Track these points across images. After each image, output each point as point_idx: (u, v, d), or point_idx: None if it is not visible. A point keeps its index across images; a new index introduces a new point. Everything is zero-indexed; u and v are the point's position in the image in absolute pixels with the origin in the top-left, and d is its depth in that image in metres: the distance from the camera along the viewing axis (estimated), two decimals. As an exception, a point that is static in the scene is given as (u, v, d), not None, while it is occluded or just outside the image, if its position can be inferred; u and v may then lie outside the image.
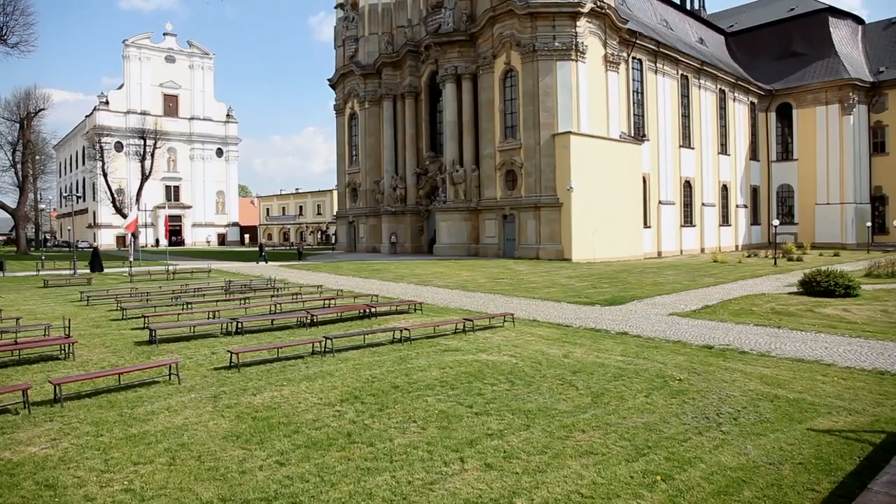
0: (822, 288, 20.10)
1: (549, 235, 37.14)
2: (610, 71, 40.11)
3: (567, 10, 37.32)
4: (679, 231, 48.06)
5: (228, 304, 19.27)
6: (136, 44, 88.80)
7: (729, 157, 55.23)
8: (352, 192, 54.12)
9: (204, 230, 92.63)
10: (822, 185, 57.08)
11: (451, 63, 42.63)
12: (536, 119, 37.57)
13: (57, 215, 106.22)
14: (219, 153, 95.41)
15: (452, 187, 42.28)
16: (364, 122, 51.94)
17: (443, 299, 20.57)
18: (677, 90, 48.83)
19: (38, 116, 65.47)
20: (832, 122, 56.57)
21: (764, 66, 62.27)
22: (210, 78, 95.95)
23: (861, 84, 56.56)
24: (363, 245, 52.56)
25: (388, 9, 50.47)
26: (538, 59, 37.44)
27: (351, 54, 52.77)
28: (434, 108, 47.63)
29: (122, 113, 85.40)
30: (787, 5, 66.41)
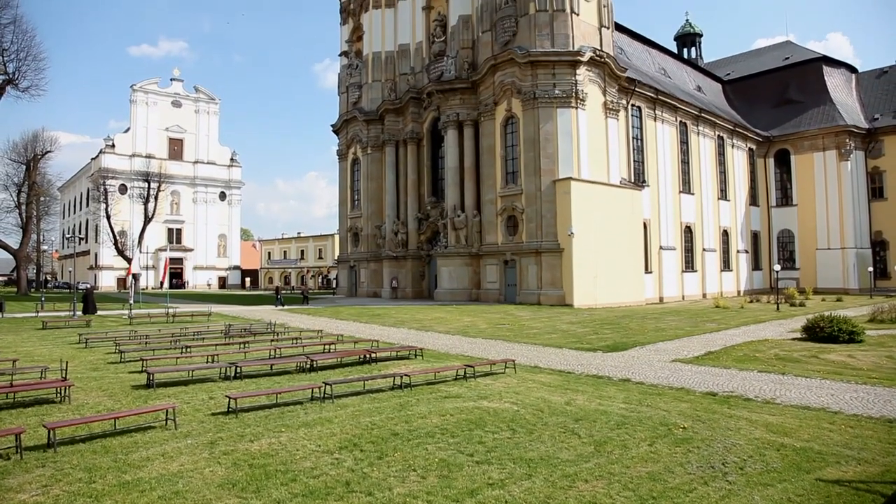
0: (826, 334, 19.94)
1: (550, 281, 37.08)
2: (610, 118, 40.70)
3: (567, 59, 38.07)
4: (680, 276, 48.00)
5: (228, 348, 19.13)
6: (144, 88, 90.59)
7: (729, 202, 55.57)
8: (353, 236, 54.32)
9: (205, 273, 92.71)
10: (822, 231, 57.31)
11: (453, 110, 43.33)
12: (537, 165, 37.94)
13: (59, 256, 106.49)
14: (222, 196, 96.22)
15: (454, 232, 42.44)
16: (366, 167, 52.50)
17: (444, 345, 20.42)
18: (676, 137, 49.46)
19: (45, 158, 66.29)
20: (830, 168, 57.16)
21: (761, 113, 63.27)
22: (215, 122, 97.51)
23: (857, 131, 57.38)
24: (364, 290, 52.47)
25: (392, 57, 51.60)
26: (539, 106, 38.04)
27: (354, 101, 53.69)
28: (436, 153, 48.20)
29: (127, 156, 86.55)
30: (782, 54, 67.91)
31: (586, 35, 39.49)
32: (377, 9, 52.38)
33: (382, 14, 52.18)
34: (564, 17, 38.59)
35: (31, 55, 48.39)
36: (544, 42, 38.40)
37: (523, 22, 39.16)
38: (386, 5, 52.16)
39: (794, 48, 68.87)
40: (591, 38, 39.87)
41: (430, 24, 48.91)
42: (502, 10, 40.30)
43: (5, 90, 48.55)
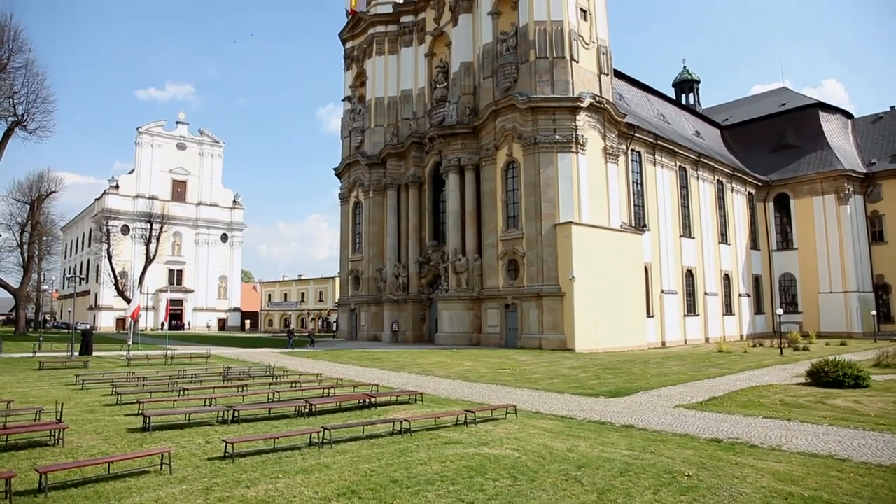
0: (831, 378, 19.74)
1: (551, 325, 36.87)
2: (610, 162, 41.10)
3: (567, 105, 38.68)
4: (682, 320, 47.76)
5: (226, 391, 18.90)
6: (150, 131, 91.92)
7: (729, 246, 55.67)
8: (354, 279, 54.30)
9: (205, 315, 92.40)
10: (823, 274, 57.29)
11: (455, 154, 43.84)
12: (538, 209, 38.15)
13: (59, 296, 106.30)
14: (223, 238, 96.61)
15: (455, 276, 42.43)
16: (368, 210, 52.84)
17: (444, 390, 20.18)
18: (676, 181, 49.88)
19: (49, 198, 66.79)
20: (829, 212, 57.49)
21: (759, 157, 63.98)
22: (219, 165, 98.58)
23: (855, 175, 57.92)
24: (364, 333, 52.18)
25: (394, 102, 52.50)
26: (539, 151, 38.48)
27: (357, 145, 54.39)
28: (437, 197, 48.57)
29: (130, 197, 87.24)
30: (778, 100, 69.08)
31: (586, 81, 40.22)
32: (380, 55, 53.55)
33: (385, 60, 53.32)
34: (564, 65, 39.37)
35: (40, 97, 49.26)
36: (545, 88, 39.08)
37: (524, 69, 39.94)
38: (389, 52, 53.36)
39: (790, 94, 70.09)
40: (591, 84, 40.59)
41: (432, 70, 49.95)
42: (503, 57, 41.16)
43: (14, 131, 49.22)
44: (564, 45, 39.43)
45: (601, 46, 42.13)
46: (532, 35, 39.67)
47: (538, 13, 39.80)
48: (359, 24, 55.68)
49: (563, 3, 39.70)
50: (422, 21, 51.57)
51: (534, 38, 39.61)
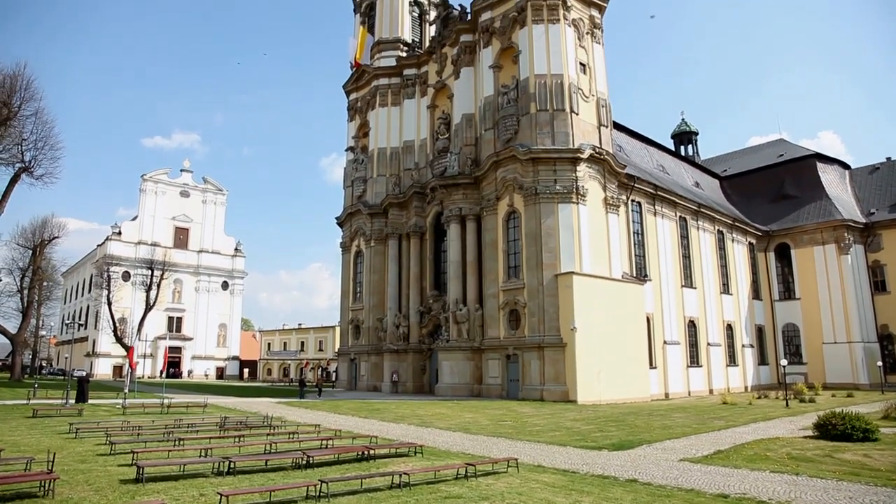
0: (839, 431, 19.37)
1: (553, 376, 36.44)
2: (610, 213, 41.33)
3: (567, 156, 39.14)
4: (686, 372, 47.22)
5: (222, 441, 18.57)
6: (154, 178, 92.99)
7: (731, 296, 55.50)
8: (354, 329, 53.99)
9: (203, 363, 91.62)
10: (827, 324, 56.98)
11: (456, 204, 44.17)
12: (539, 259, 38.17)
13: (56, 342, 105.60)
14: (224, 286, 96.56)
15: (455, 326, 42.19)
16: (369, 259, 52.93)
17: (444, 442, 19.81)
18: (676, 231, 50.08)
19: (52, 244, 67.02)
20: (831, 262, 57.56)
21: (759, 207, 64.42)
22: (221, 213, 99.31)
23: (854, 225, 58.23)
24: (364, 383, 51.57)
25: (396, 153, 53.24)
26: (540, 201, 38.75)
27: (359, 194, 54.86)
28: (438, 247, 48.71)
29: (133, 243, 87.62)
30: (776, 151, 70.01)
31: (586, 133, 40.82)
32: (383, 107, 54.57)
33: (388, 112, 54.31)
34: (564, 117, 40.03)
35: (48, 144, 49.81)
36: (545, 140, 39.64)
37: (524, 121, 40.61)
38: (392, 104, 54.39)
39: (787, 146, 71.07)
40: (591, 136, 41.19)
41: (434, 121, 50.81)
42: (504, 109, 41.91)
43: (20, 177, 49.64)
44: (564, 98, 40.18)
45: (600, 99, 42.92)
46: (533, 88, 40.48)
47: (538, 67, 40.70)
48: (363, 76, 56.94)
49: (562, 58, 40.64)
50: (424, 74, 52.75)
51: (534, 90, 40.41)
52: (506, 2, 43.43)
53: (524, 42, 41.60)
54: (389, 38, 55.99)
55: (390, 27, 56.33)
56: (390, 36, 56.04)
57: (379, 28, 56.89)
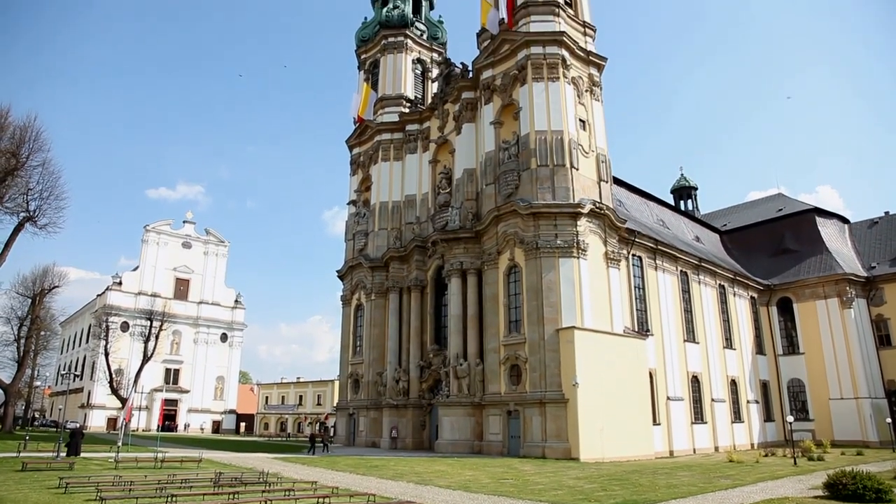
0: (850, 491, 18.85)
1: (555, 433, 35.72)
2: (611, 267, 41.27)
3: (568, 211, 39.30)
4: (690, 428, 46.35)
5: (216, 498, 18.09)
6: (157, 229, 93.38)
7: (735, 351, 54.95)
8: (354, 383, 53.32)
9: (199, 416, 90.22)
10: (832, 380, 56.21)
11: (457, 258, 44.17)
12: (540, 314, 37.92)
13: (51, 393, 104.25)
14: (223, 338, 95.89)
15: (456, 381, 41.64)
16: (370, 313, 52.64)
17: (444, 500, 19.26)
18: (678, 286, 49.93)
19: (52, 293, 66.77)
20: (833, 316, 57.19)
21: (760, 262, 64.42)
22: (223, 265, 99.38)
23: (856, 279, 58.10)
24: (362, 439, 50.60)
25: (398, 206, 53.58)
26: (541, 255, 38.74)
27: (360, 247, 54.96)
28: (439, 301, 48.50)
29: (133, 294, 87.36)
30: (775, 206, 70.46)
31: (586, 188, 41.12)
32: (386, 161, 55.23)
33: (391, 166, 54.93)
34: (565, 172, 40.38)
35: (53, 195, 50.03)
36: (546, 195, 39.89)
37: (525, 176, 40.97)
38: (394, 158, 55.08)
39: (786, 200, 71.58)
40: (591, 191, 41.48)
41: (435, 176, 51.26)
42: (505, 164, 42.33)
43: (24, 226, 49.72)
44: (564, 154, 40.62)
45: (600, 155, 43.41)
46: (533, 144, 40.97)
47: (539, 123, 41.29)
48: (366, 131, 57.81)
49: (562, 114, 41.27)
50: (426, 129, 53.54)
51: (535, 146, 40.89)
52: (507, 60, 44.37)
53: (525, 99, 42.33)
54: (392, 94, 57.13)
55: (393, 84, 57.53)
56: (393, 92, 57.19)
57: (382, 84, 58.10)
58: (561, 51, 42.44)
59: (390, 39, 58.61)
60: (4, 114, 46.91)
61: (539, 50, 42.48)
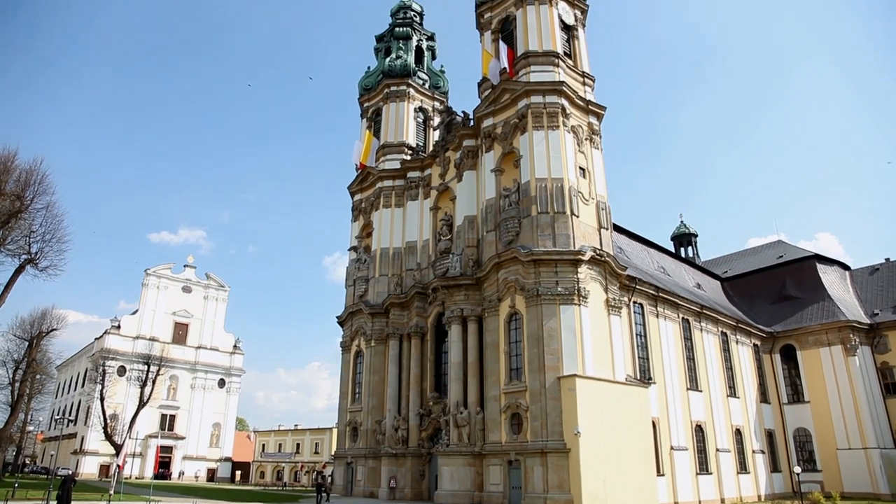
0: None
1: (557, 484, 34.91)
2: (612, 314, 41.04)
3: (568, 258, 39.27)
4: (695, 479, 45.40)
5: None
6: (157, 273, 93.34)
7: (739, 399, 54.23)
8: (352, 431, 52.44)
9: (194, 464, 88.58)
10: (839, 429, 55.23)
11: (458, 305, 43.97)
12: (541, 361, 37.52)
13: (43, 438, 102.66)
14: (221, 384, 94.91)
15: (456, 430, 40.95)
16: (369, 360, 52.15)
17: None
18: (679, 333, 49.60)
19: (49, 336, 66.11)
20: (838, 364, 56.62)
21: (762, 309, 64.13)
22: (222, 309, 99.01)
23: (859, 326, 57.73)
24: (360, 489, 49.48)
25: (399, 253, 53.65)
26: (542, 303, 38.55)
27: (361, 294, 54.80)
28: (440, 348, 48.12)
29: (131, 338, 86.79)
30: (775, 253, 70.54)
31: (586, 235, 41.21)
32: (387, 208, 55.55)
33: (392, 213, 55.22)
34: (565, 219, 40.53)
35: (56, 237, 49.86)
36: (546, 242, 39.94)
37: (526, 223, 41.11)
38: (395, 205, 55.41)
39: (786, 247, 71.70)
40: (592, 238, 41.56)
41: (436, 223, 51.46)
42: (506, 211, 42.54)
43: (25, 268, 49.49)
44: (565, 201, 40.84)
45: (600, 202, 43.66)
46: (534, 191, 41.25)
47: (539, 171, 41.65)
48: (367, 178, 58.32)
49: (562, 162, 41.66)
50: (428, 177, 54.00)
51: (535, 194, 41.15)
52: (507, 109, 45.05)
53: (525, 147, 42.80)
54: (395, 141, 57.86)
55: (396, 131, 58.32)
56: (395, 140, 57.94)
57: (385, 132, 58.90)
58: (561, 100, 43.10)
59: (393, 88, 59.68)
60: (11, 157, 47.26)
61: (539, 99, 43.15)
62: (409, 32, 63.44)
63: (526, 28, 46.29)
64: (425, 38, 65.58)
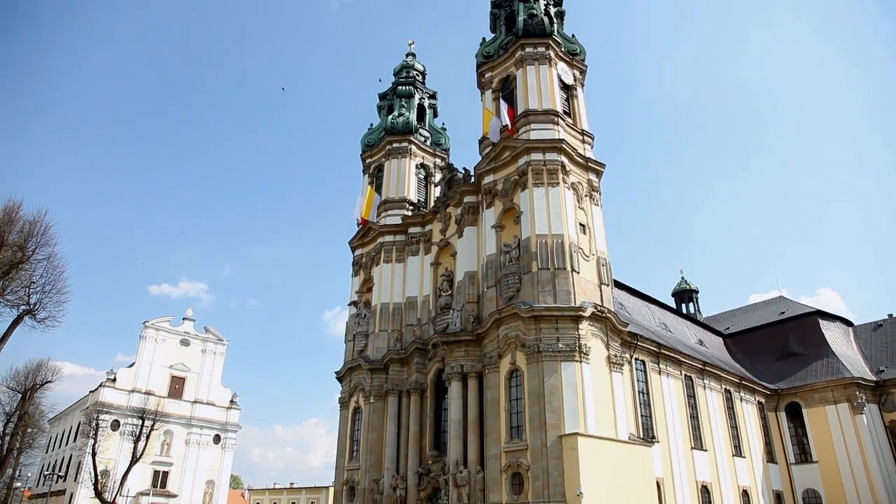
0: None
1: (560, 548, 33.86)
2: (614, 371, 40.59)
3: (569, 314, 39.10)
4: (703, 544, 44.06)
5: None
6: (156, 326, 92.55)
7: (745, 459, 53.05)
8: (349, 490, 51.06)
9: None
10: (850, 491, 53.76)
11: (458, 361, 43.51)
12: (542, 419, 36.90)
13: (30, 495, 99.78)
14: (216, 440, 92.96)
15: (456, 490, 39.93)
16: (368, 417, 51.24)
17: None
18: (682, 390, 48.96)
19: (43, 389, 65.02)
20: (845, 422, 55.60)
21: (765, 365, 63.49)
22: (220, 363, 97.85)
23: (865, 383, 57.01)
24: (357, 551, 47.97)
25: (399, 308, 53.41)
26: (543, 359, 38.18)
27: (360, 349, 54.31)
28: (439, 405, 47.36)
29: (126, 391, 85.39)
30: (777, 309, 70.28)
31: (587, 291, 41.13)
32: (388, 263, 55.60)
33: (392, 268, 55.26)
34: (566, 275, 40.53)
35: (55, 288, 49.59)
36: (547, 298, 39.85)
37: (526, 279, 41.11)
38: (396, 260, 55.50)
39: (788, 303, 71.49)
40: (592, 294, 41.47)
41: (437, 279, 51.43)
42: (506, 267, 42.59)
43: (23, 319, 49.11)
44: (565, 257, 40.94)
45: (601, 258, 43.76)
46: (534, 247, 41.41)
47: (539, 227, 41.91)
48: (368, 233, 58.60)
49: (562, 218, 41.96)
50: (428, 232, 54.26)
51: (536, 250, 41.30)
52: (508, 166, 45.66)
53: (525, 203, 43.19)
54: (396, 197, 58.39)
55: (397, 187, 58.94)
56: (397, 195, 58.48)
57: (386, 188, 59.53)
58: (560, 157, 43.74)
59: (395, 145, 60.60)
60: (16, 207, 47.52)
61: (539, 156, 43.80)
62: (411, 91, 64.89)
63: (526, 87, 47.40)
64: (427, 96, 67.03)
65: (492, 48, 52.53)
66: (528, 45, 48.86)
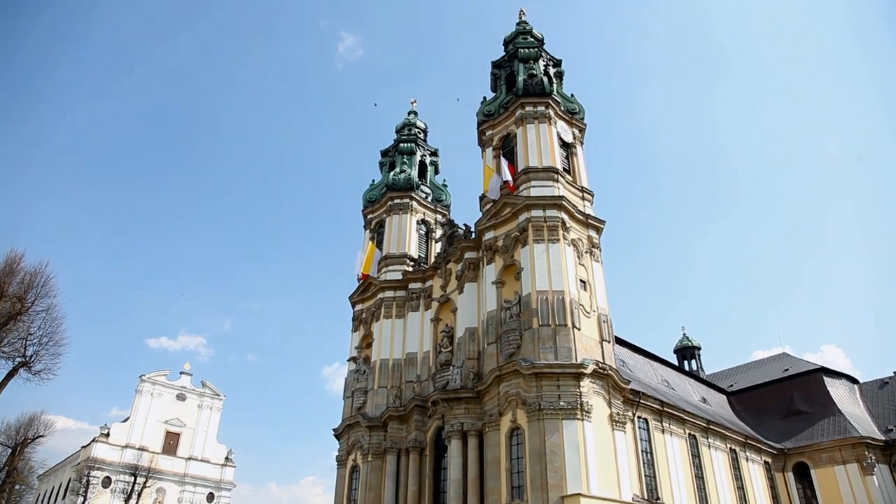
0: None
1: None
2: (617, 430, 39.89)
3: (570, 371, 38.69)
4: None
5: None
6: (152, 380, 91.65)
7: (753, 522, 51.57)
8: (346, 552, 49.62)
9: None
10: (866, 556, 52.06)
11: (458, 419, 42.80)
12: (544, 479, 36.00)
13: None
14: (210, 498, 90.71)
15: (456, 553, 38.76)
16: (365, 475, 50.05)
17: None
18: (687, 449, 47.97)
19: (34, 443, 63.83)
20: (856, 484, 54.09)
21: (771, 424, 62.36)
22: (216, 419, 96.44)
23: (874, 442, 55.76)
24: None
25: (399, 364, 52.92)
26: (544, 417, 37.56)
27: (359, 406, 53.54)
28: (438, 464, 46.32)
29: (119, 447, 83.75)
30: (781, 366, 69.54)
31: (588, 348, 40.84)
32: (388, 319, 55.37)
33: (392, 324, 55.01)
34: (567, 332, 40.31)
35: (53, 341, 49.19)
36: (548, 355, 39.53)
37: (527, 335, 40.88)
38: (396, 316, 55.29)
39: (792, 360, 70.76)
40: (594, 351, 41.16)
41: (437, 335, 51.16)
42: (507, 324, 42.41)
43: (17, 371, 48.49)
44: (566, 314, 40.80)
45: (601, 314, 43.61)
46: (535, 304, 41.31)
47: (540, 283, 41.92)
48: (369, 288, 58.59)
49: (563, 275, 42.02)
50: (429, 288, 54.25)
51: (536, 306, 41.19)
52: (508, 223, 46.04)
53: (526, 260, 43.34)
54: (397, 252, 58.63)
55: (398, 243, 59.27)
56: (397, 251, 58.74)
57: (387, 243, 59.86)
58: (561, 214, 44.15)
59: (396, 201, 61.26)
60: (18, 258, 47.63)
61: (539, 213, 44.21)
62: (413, 148, 66.04)
63: (526, 145, 48.28)
64: (429, 153, 68.18)
65: (492, 107, 53.77)
66: (527, 104, 50.03)
